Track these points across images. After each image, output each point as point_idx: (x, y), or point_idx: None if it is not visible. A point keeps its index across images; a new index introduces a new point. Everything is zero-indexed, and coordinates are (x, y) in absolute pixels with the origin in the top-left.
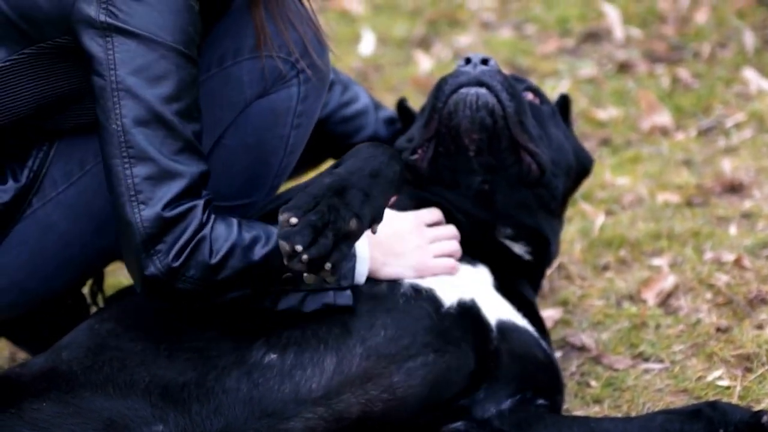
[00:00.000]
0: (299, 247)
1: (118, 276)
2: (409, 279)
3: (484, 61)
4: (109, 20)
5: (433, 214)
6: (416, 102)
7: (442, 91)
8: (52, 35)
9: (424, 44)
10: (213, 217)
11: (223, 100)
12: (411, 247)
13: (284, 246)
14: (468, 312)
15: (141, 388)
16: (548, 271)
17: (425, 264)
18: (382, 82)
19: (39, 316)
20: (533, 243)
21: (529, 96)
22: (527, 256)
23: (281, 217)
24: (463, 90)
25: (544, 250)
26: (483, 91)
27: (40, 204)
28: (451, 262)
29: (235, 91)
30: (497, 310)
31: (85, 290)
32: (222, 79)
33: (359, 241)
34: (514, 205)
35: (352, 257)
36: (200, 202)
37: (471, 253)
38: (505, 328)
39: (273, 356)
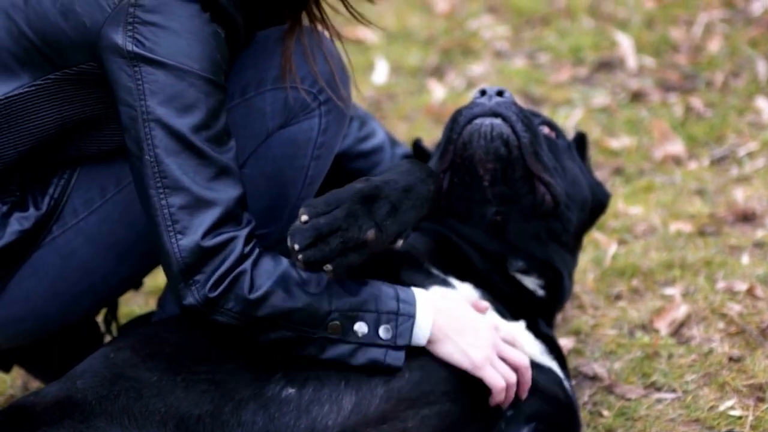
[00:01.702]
0: (296, 246)
1: (131, 305)
2: (463, 368)
3: (500, 93)
4: (137, 50)
5: (513, 332)
6: (429, 130)
7: (457, 122)
8: (77, 61)
9: (438, 73)
10: (257, 251)
11: (244, 130)
12: (481, 342)
13: (288, 240)
14: None
15: (157, 419)
16: (562, 308)
17: (485, 365)
18: (395, 110)
19: (52, 344)
20: (545, 276)
21: (545, 130)
22: (540, 291)
23: (300, 210)
24: (478, 121)
25: (557, 283)
26: (498, 121)
27: (61, 231)
28: (503, 384)
29: (257, 122)
30: (527, 350)
31: (99, 318)
32: (244, 109)
33: (423, 306)
34: (527, 236)
35: (410, 318)
36: (242, 233)
37: (503, 306)
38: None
39: (291, 390)
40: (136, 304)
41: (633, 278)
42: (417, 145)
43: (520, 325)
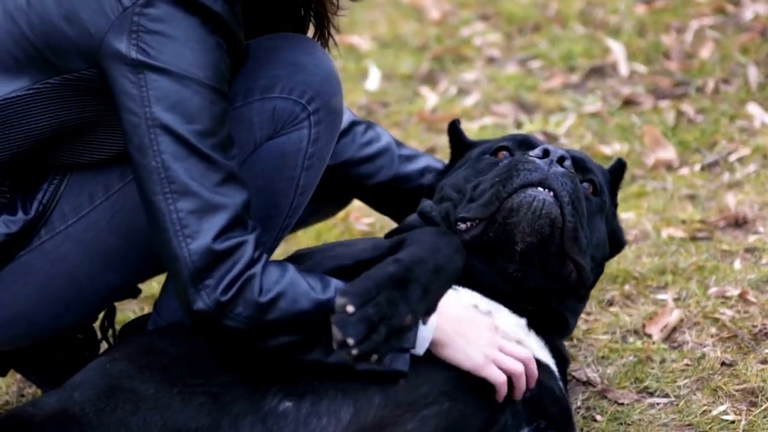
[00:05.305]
0: (351, 341)
1: (126, 311)
2: (466, 369)
3: (561, 160)
4: (141, 57)
5: (511, 327)
6: (421, 137)
7: (511, 180)
8: (78, 67)
9: (430, 80)
10: (265, 256)
11: None
12: (482, 341)
13: (336, 334)
14: None
15: None
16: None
17: (487, 364)
18: (387, 117)
19: (50, 350)
20: (551, 318)
21: (587, 187)
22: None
23: (339, 301)
24: (531, 192)
25: (562, 327)
26: (550, 199)
27: (49, 236)
28: (504, 379)
29: (245, 132)
30: (525, 344)
31: (96, 324)
32: (232, 120)
33: None
34: (542, 292)
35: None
36: (250, 238)
37: (506, 305)
38: None
39: (288, 404)
40: (131, 310)
41: (625, 284)
42: (454, 126)
43: (521, 322)
